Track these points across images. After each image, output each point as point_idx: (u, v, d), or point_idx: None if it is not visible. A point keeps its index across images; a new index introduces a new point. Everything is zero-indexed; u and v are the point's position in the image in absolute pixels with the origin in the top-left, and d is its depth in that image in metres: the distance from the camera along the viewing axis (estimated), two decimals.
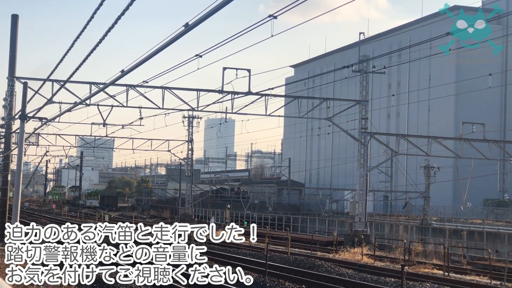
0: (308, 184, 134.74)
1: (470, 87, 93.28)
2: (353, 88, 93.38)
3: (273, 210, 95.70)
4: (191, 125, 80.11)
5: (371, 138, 50.53)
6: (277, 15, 20.31)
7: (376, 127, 68.15)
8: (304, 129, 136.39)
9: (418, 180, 79.57)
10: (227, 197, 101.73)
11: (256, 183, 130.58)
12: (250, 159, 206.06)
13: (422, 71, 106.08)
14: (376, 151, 73.84)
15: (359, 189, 50.13)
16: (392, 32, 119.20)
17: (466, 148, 54.35)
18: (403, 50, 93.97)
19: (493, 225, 64.80)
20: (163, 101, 47.53)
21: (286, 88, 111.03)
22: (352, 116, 62.32)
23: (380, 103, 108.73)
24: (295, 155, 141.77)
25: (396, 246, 46.95)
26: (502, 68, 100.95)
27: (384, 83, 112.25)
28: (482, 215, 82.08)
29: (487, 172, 77.45)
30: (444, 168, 75.75)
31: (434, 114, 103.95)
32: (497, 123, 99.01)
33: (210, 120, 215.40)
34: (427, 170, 68.14)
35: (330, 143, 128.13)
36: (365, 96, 50.39)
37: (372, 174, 75.38)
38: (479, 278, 31.53)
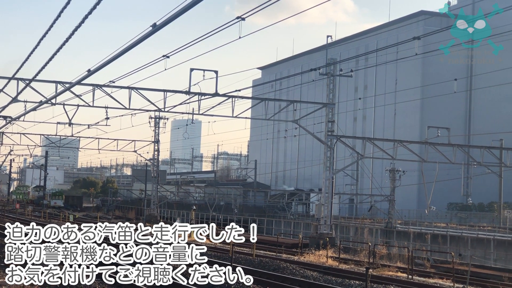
0: (274, 186, 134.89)
1: (436, 92, 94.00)
2: (320, 91, 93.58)
3: (239, 211, 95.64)
4: (157, 126, 79.85)
5: (337, 141, 50.69)
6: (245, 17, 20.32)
7: (342, 130, 68.45)
8: (271, 131, 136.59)
9: (384, 184, 79.99)
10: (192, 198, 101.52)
11: (222, 184, 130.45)
12: (216, 161, 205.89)
13: (388, 75, 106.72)
14: (342, 154, 74.25)
15: (325, 191, 50.26)
16: (359, 35, 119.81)
17: (431, 152, 54.71)
18: (370, 53, 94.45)
19: (457, 229, 65.33)
20: (130, 102, 47.34)
21: (253, 90, 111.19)
22: (319, 119, 62.45)
23: (347, 106, 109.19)
24: (261, 157, 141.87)
25: (361, 249, 47.11)
26: (467, 73, 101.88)
27: (351, 86, 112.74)
28: (446, 219, 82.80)
29: (451, 176, 78.08)
30: (409, 172, 76.25)
31: (400, 118, 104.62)
32: (461, 128, 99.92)
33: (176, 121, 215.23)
34: (393, 174, 68.53)
35: (296, 145, 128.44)
36: (332, 99, 50.54)
37: (338, 177, 75.69)
38: (442, 281, 31.72)
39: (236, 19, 20.79)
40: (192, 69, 45.50)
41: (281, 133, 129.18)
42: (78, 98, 46.95)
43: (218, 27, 21.16)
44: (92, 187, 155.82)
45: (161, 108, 49.36)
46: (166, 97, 47.95)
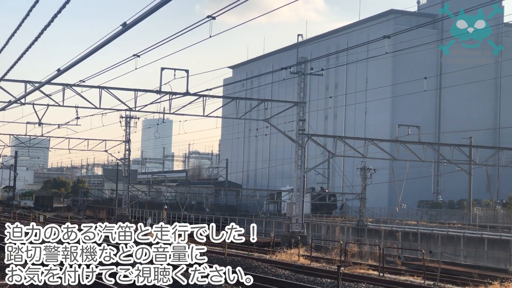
0: (245, 185, 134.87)
1: (406, 90, 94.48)
2: (291, 90, 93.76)
3: (210, 211, 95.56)
4: (128, 125, 79.56)
5: (308, 140, 50.80)
6: (216, 16, 20.30)
7: (313, 128, 68.64)
8: (242, 130, 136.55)
9: (355, 182, 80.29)
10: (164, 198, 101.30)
11: (193, 184, 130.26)
12: (187, 160, 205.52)
13: (359, 74, 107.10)
14: (314, 152, 74.37)
15: (297, 190, 50.35)
16: (330, 34, 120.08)
17: (402, 150, 55.02)
18: (340, 52, 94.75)
19: (427, 226, 65.71)
20: (100, 101, 47.16)
21: (224, 89, 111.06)
22: (290, 118, 62.53)
23: (318, 105, 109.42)
24: (232, 156, 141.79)
25: (332, 247, 47.26)
26: (437, 71, 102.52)
27: (321, 85, 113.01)
28: (417, 217, 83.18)
29: (422, 174, 78.63)
30: (380, 170, 76.58)
31: (371, 116, 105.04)
32: (432, 126, 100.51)
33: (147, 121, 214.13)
34: (364, 172, 68.81)
35: (267, 144, 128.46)
36: (303, 98, 50.64)
37: (309, 175, 75.91)
38: (413, 279, 31.92)
39: (207, 18, 20.77)
40: (163, 68, 45.43)
41: (252, 132, 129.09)
42: (48, 97, 46.70)
43: (188, 26, 21.14)
44: (62, 187, 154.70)
45: (132, 108, 49.24)
46: (137, 97, 47.84)
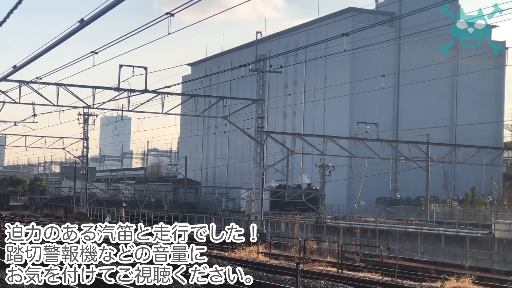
0: (204, 182, 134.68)
1: (365, 88, 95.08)
2: (250, 87, 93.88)
3: (169, 208, 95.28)
4: (86, 123, 79.07)
5: (267, 137, 50.85)
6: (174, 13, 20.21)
7: (272, 126, 68.70)
8: (201, 127, 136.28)
9: (314, 179, 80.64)
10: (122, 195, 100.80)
11: (152, 181, 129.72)
12: (146, 157, 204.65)
13: (318, 71, 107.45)
14: (273, 149, 74.39)
15: (255, 187, 50.38)
16: (289, 32, 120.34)
17: (360, 147, 55.32)
18: (299, 50, 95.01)
19: (385, 223, 66.19)
20: (58, 98, 46.73)
21: (183, 86, 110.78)
22: (249, 115, 62.60)
23: (277, 102, 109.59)
24: (191, 154, 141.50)
25: (291, 244, 47.36)
26: (395, 69, 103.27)
27: (280, 82, 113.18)
28: (375, 213, 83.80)
29: (380, 171, 79.14)
30: (339, 167, 76.94)
31: (330, 113, 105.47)
32: (390, 123, 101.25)
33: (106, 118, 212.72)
34: (322, 169, 69.09)
35: (226, 141, 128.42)
36: (262, 95, 50.66)
37: (268, 172, 75.96)
38: (371, 275, 32.10)
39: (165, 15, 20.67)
40: (121, 65, 45.17)
41: (211, 129, 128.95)
42: (4, 94, 46.16)
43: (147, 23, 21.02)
44: (19, 185, 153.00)
45: (90, 105, 48.88)
46: (95, 94, 47.53)
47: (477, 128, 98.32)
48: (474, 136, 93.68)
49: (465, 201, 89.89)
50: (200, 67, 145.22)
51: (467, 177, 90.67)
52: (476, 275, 32.73)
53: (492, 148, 67.25)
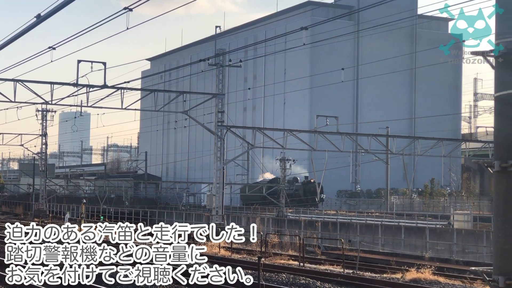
0: (165, 177, 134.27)
1: (324, 81, 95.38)
2: (210, 82, 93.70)
3: (130, 204, 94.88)
4: (45, 119, 78.29)
5: (227, 131, 50.79)
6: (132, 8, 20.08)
7: (232, 120, 68.61)
8: (161, 122, 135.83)
9: (274, 173, 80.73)
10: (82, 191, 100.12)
11: (112, 177, 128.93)
12: (106, 153, 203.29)
13: (277, 65, 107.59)
14: (233, 144, 74.38)
15: (216, 182, 50.34)
16: (248, 26, 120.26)
17: (321, 140, 55.46)
18: (258, 44, 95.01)
19: (346, 216, 66.56)
20: (15, 94, 46.19)
21: (143, 81, 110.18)
22: (209, 110, 62.50)
23: (237, 97, 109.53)
24: (151, 149, 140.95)
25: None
26: (354, 62, 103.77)
27: (240, 76, 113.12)
28: (336, 206, 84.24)
29: (340, 164, 79.52)
30: (300, 161, 77.20)
31: (290, 107, 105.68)
32: (350, 116, 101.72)
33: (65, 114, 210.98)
34: (283, 163, 69.22)
35: (186, 136, 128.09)
36: (222, 90, 50.59)
37: (229, 167, 75.99)
38: (332, 268, 32.26)
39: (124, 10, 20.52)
40: (79, 60, 44.79)
41: (171, 124, 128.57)
42: None
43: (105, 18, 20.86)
44: None
45: (48, 101, 48.39)
46: (53, 90, 47.04)
47: (435, 120, 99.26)
48: (433, 128, 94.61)
49: (424, 193, 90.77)
50: (159, 62, 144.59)
51: (426, 169, 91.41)
52: (436, 266, 33.07)
53: (450, 140, 67.88)
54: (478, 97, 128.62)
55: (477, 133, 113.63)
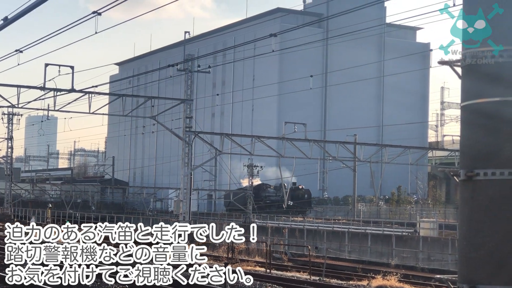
0: (132, 182, 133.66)
1: (293, 88, 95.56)
2: (178, 87, 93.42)
3: (96, 209, 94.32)
4: (11, 122, 77.67)
5: (195, 137, 50.70)
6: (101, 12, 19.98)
7: (200, 126, 68.55)
8: (129, 127, 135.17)
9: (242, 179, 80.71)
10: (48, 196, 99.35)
11: (79, 181, 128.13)
12: (73, 158, 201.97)
13: (246, 71, 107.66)
14: (201, 150, 74.26)
15: (183, 187, 50.20)
16: (217, 31, 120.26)
17: (288, 147, 55.53)
18: (227, 50, 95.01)
19: (313, 222, 66.66)
20: None
21: (111, 86, 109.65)
22: (177, 115, 62.33)
23: (205, 102, 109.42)
24: (119, 154, 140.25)
25: (219, 244, 47.29)
26: (323, 69, 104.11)
27: (209, 82, 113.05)
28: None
29: (308, 171, 79.65)
30: (267, 167, 77.17)
31: (258, 113, 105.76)
32: (318, 123, 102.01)
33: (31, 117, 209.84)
34: (251, 169, 69.23)
35: (154, 141, 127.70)
36: (190, 95, 50.50)
37: (197, 173, 75.70)
38: (299, 274, 32.28)
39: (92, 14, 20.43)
40: (47, 64, 44.53)
41: (139, 129, 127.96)
42: None
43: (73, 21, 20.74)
44: None
45: (15, 104, 48.01)
46: (20, 93, 46.70)
47: (403, 128, 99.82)
48: (400, 136, 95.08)
49: (391, 200, 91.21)
50: (128, 66, 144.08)
51: (393, 176, 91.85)
52: (402, 273, 33.22)
53: (417, 148, 68.29)
54: (445, 106, 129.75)
55: (444, 141, 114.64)
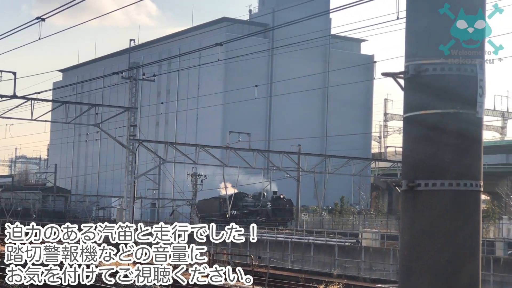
0: (74, 190, 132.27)
1: (238, 98, 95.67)
2: (123, 95, 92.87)
3: (38, 217, 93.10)
4: None
5: (139, 145, 50.44)
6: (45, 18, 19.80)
7: (145, 134, 68.32)
8: (72, 134, 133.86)
9: (186, 188, 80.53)
10: None
11: (19, 189, 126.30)
12: (14, 165, 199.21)
13: (191, 80, 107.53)
14: (145, 158, 73.96)
15: (127, 196, 49.88)
16: (162, 40, 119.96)
17: (233, 156, 55.59)
18: (173, 58, 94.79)
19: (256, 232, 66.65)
20: None
21: (54, 92, 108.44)
22: (121, 123, 61.90)
23: (149, 111, 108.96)
24: (61, 161, 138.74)
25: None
26: (268, 80, 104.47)
27: (153, 90, 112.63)
28: (246, 222, 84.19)
29: (252, 181, 79.83)
30: (211, 176, 77.11)
31: (203, 122, 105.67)
32: (262, 133, 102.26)
33: None
34: (194, 178, 69.07)
35: (98, 149, 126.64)
36: (134, 103, 50.24)
37: (140, 181, 75.35)
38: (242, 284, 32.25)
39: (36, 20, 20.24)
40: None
41: (82, 137, 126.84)
42: None
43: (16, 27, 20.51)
44: None
45: None
46: None
47: (346, 139, 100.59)
48: (344, 147, 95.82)
49: (334, 211, 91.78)
50: (72, 73, 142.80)
51: (337, 187, 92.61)
52: (344, 283, 33.42)
53: (360, 158, 68.88)
54: (388, 118, 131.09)
55: (387, 152, 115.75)
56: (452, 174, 6.86)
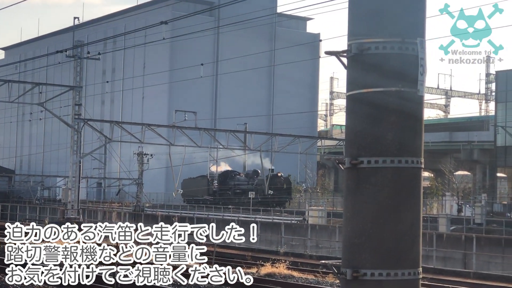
0: (19, 170, 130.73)
1: (184, 76, 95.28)
2: (67, 74, 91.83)
3: None
4: None
5: (84, 125, 50.06)
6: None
7: (90, 113, 67.62)
8: (15, 114, 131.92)
9: (132, 167, 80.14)
10: None
11: None
12: None
13: (137, 59, 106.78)
14: (90, 137, 73.37)
15: (72, 176, 49.54)
16: (107, 18, 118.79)
17: (179, 135, 55.49)
18: (118, 37, 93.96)
19: (203, 211, 66.84)
20: None
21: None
22: (66, 102, 61.35)
23: (95, 90, 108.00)
24: (4, 141, 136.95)
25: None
26: (214, 58, 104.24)
27: (98, 69, 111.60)
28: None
29: (199, 160, 79.80)
30: (157, 155, 76.80)
31: (149, 101, 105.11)
32: (208, 112, 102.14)
33: None
34: (141, 157, 68.84)
35: (42, 129, 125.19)
36: (79, 82, 49.83)
37: (86, 161, 74.79)
38: None
39: None
40: None
41: (26, 116, 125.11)
42: None
43: None
44: None
45: None
46: None
47: (293, 118, 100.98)
48: (290, 125, 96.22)
49: None
50: (14, 51, 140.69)
51: (283, 165, 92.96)
52: (291, 261, 33.70)
53: (307, 137, 69.23)
54: (334, 96, 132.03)
55: (333, 131, 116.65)
56: (394, 151, 6.96)
